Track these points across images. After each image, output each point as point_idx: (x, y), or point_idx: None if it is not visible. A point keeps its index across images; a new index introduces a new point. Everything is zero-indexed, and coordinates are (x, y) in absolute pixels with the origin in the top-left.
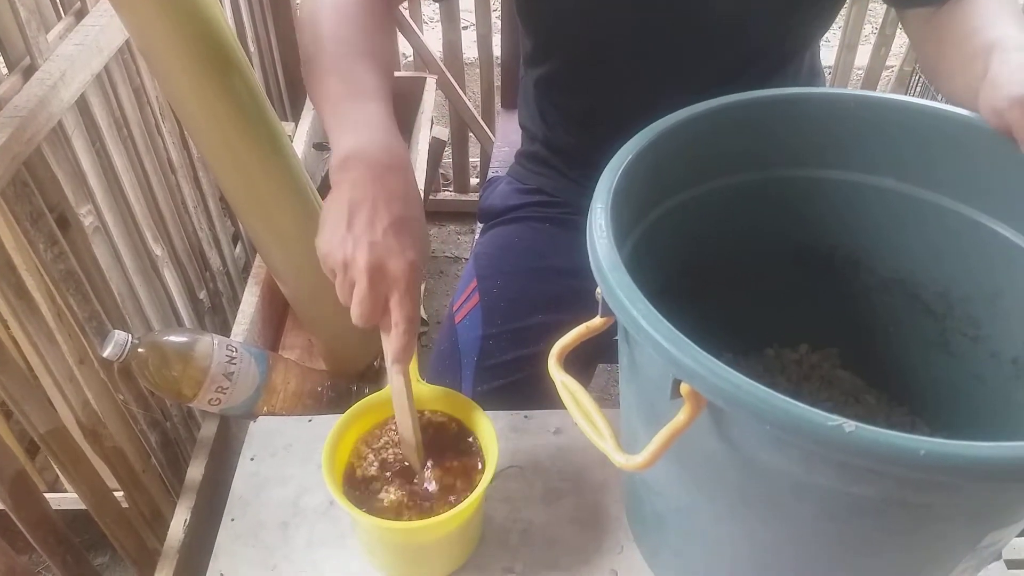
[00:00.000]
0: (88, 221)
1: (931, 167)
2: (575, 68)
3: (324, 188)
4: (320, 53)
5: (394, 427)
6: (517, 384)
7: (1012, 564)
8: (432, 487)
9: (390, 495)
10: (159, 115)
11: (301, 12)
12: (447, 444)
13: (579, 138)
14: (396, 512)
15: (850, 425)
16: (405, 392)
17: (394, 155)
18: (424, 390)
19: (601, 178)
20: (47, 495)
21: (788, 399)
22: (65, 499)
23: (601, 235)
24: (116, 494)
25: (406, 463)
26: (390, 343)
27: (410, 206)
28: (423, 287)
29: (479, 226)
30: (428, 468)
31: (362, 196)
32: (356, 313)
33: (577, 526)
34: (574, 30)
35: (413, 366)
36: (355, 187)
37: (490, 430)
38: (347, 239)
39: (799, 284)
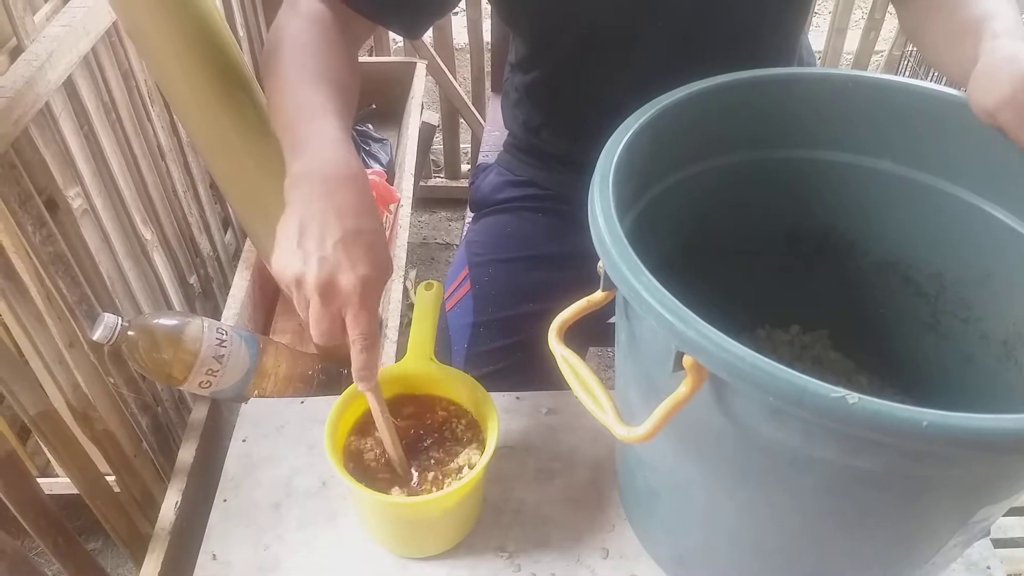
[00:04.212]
0: (77, 204)
1: (926, 149)
2: (564, 74)
3: None
4: (277, 86)
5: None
6: (506, 371)
7: (999, 543)
8: (429, 466)
9: (389, 472)
10: (148, 99)
11: (263, 55)
12: (449, 422)
13: (569, 140)
14: (394, 488)
15: (853, 396)
16: (378, 408)
17: (344, 167)
18: (434, 369)
19: (603, 152)
20: (39, 480)
21: (792, 371)
22: (57, 484)
23: (603, 208)
24: (108, 478)
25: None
26: (352, 361)
27: (362, 219)
28: (398, 284)
29: (470, 213)
30: (426, 445)
31: (311, 212)
32: (314, 332)
33: (569, 505)
34: (562, 36)
35: (427, 346)
36: (305, 203)
37: (492, 410)
38: (297, 256)
39: (793, 265)
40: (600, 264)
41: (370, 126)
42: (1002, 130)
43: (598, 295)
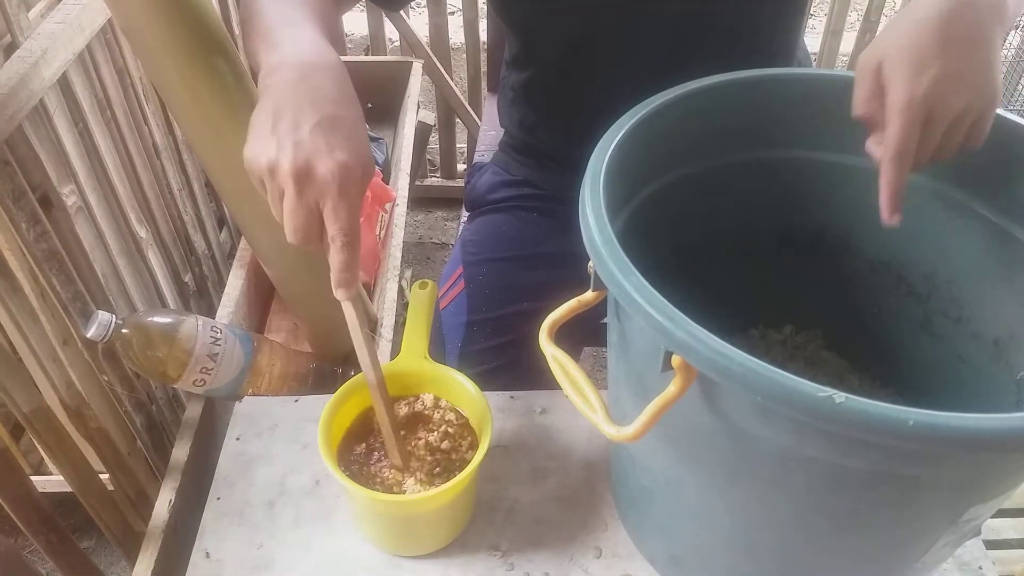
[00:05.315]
0: (71, 201)
1: None
2: (559, 71)
3: None
4: (253, 13)
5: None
6: (500, 370)
7: (991, 544)
8: (424, 463)
9: (383, 470)
10: (143, 97)
11: (240, 7)
12: (441, 422)
13: (564, 139)
14: (388, 487)
15: (840, 396)
16: (358, 324)
17: (321, 55)
18: (428, 368)
19: (594, 152)
20: (32, 478)
21: (779, 370)
22: (50, 482)
23: (594, 209)
24: (101, 476)
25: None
26: (331, 263)
27: (341, 105)
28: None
29: (466, 213)
30: (425, 437)
31: (286, 97)
32: (289, 228)
33: (563, 504)
34: (557, 32)
35: (422, 345)
36: (278, 89)
37: (485, 408)
38: (271, 142)
39: (786, 265)
40: (590, 264)
41: (366, 125)
42: (883, 86)
43: (588, 295)
